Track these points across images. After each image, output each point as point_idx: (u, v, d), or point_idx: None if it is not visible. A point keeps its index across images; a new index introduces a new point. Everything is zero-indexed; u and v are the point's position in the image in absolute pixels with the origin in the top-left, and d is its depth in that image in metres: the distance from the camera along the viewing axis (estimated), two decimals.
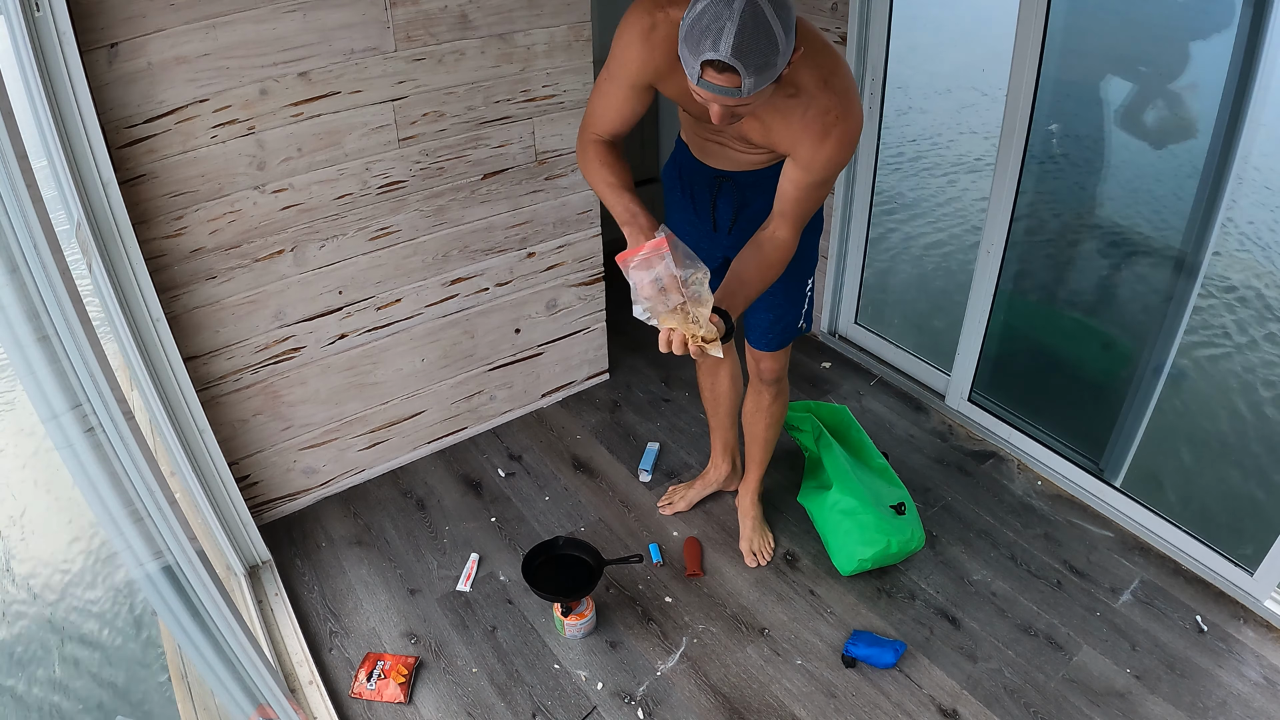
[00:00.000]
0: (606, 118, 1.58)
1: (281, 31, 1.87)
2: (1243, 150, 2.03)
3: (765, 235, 1.58)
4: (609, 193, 1.57)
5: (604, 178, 1.58)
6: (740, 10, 1.19)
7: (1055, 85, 2.25)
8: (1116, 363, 2.54)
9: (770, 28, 1.21)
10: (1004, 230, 2.41)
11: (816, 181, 1.51)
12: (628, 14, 1.46)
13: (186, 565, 1.38)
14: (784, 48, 1.24)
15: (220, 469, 2.09)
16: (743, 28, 1.20)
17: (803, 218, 1.57)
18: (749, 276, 1.57)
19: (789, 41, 1.25)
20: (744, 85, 1.24)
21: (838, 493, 2.17)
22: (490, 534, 2.38)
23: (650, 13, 1.43)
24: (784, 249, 1.58)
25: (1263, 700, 1.87)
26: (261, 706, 1.63)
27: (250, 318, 2.13)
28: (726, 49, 1.20)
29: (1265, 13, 1.88)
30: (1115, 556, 2.25)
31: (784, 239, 1.57)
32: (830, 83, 1.42)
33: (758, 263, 1.57)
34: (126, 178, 1.79)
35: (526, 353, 2.72)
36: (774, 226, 1.58)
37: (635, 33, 1.45)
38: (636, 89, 1.53)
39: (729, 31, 1.20)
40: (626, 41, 1.47)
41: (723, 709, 1.90)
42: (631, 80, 1.51)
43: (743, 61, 1.21)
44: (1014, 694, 1.91)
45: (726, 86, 1.25)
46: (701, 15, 1.22)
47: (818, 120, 1.44)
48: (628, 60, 1.48)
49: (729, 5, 1.20)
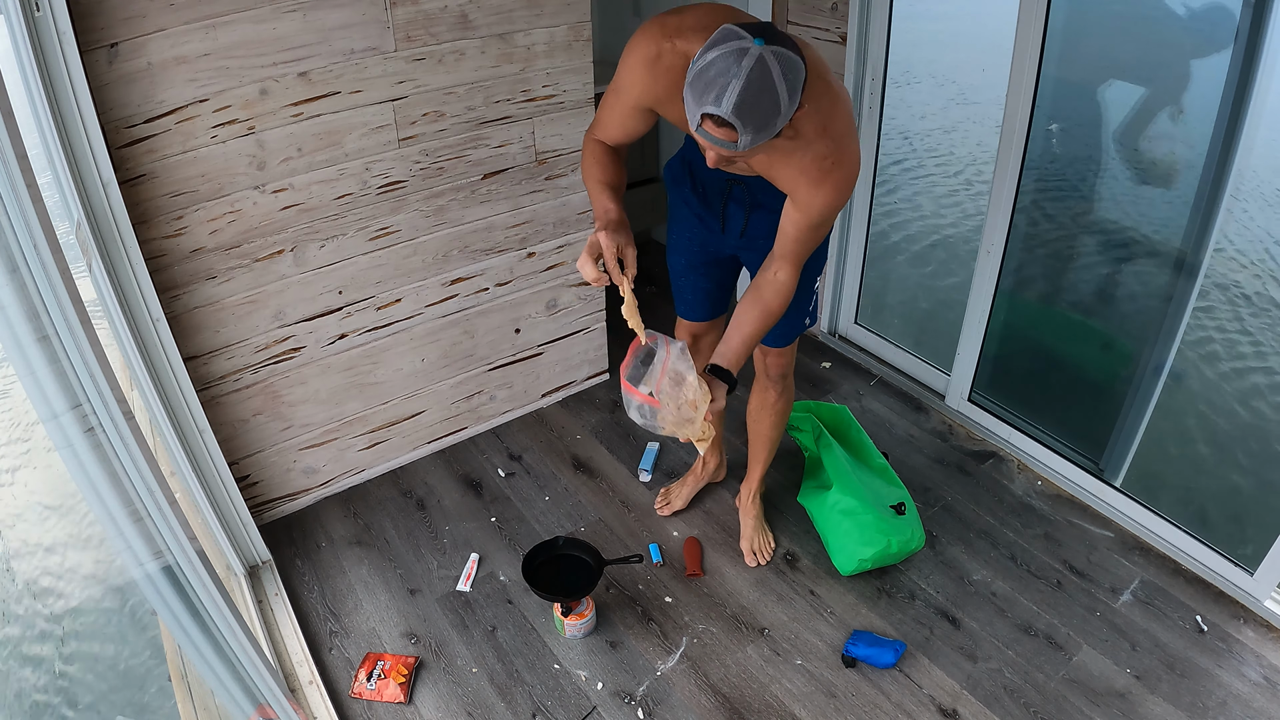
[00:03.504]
0: (610, 127, 1.60)
1: (281, 31, 1.87)
2: (1243, 150, 2.03)
3: (766, 279, 1.60)
4: (594, 188, 1.59)
5: (594, 174, 1.60)
6: (748, 69, 1.19)
7: (1055, 85, 2.25)
8: (1116, 363, 2.54)
9: (775, 89, 1.21)
10: (1004, 230, 2.42)
11: (815, 223, 1.53)
12: (636, 37, 1.46)
13: (186, 565, 1.38)
14: (786, 109, 1.24)
15: (220, 469, 2.09)
16: (748, 86, 1.19)
17: (802, 257, 1.59)
18: (751, 328, 1.61)
19: (792, 103, 1.24)
20: (740, 141, 1.24)
21: (838, 493, 2.17)
22: (490, 534, 2.38)
23: (657, 41, 1.43)
24: (785, 293, 1.60)
25: (1263, 700, 1.87)
26: (261, 706, 1.63)
27: (250, 318, 2.13)
28: (728, 106, 1.20)
29: (1265, 14, 1.88)
30: (1115, 556, 2.25)
31: (784, 280, 1.59)
32: (828, 128, 1.42)
33: (760, 310, 1.60)
34: (126, 178, 1.79)
35: (526, 353, 2.72)
36: (775, 268, 1.60)
37: (640, 59, 1.45)
38: (639, 110, 1.54)
39: (733, 89, 1.19)
40: (631, 65, 1.47)
41: (723, 709, 1.90)
42: (634, 102, 1.52)
43: (742, 120, 1.21)
44: (1014, 694, 1.91)
45: (724, 140, 1.25)
46: (710, 66, 1.21)
47: (814, 165, 1.45)
48: (632, 83, 1.49)
49: (738, 62, 1.19)
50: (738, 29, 1.22)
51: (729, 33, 1.22)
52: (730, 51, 1.19)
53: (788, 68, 1.21)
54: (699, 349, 2.16)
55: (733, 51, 1.19)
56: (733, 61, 1.19)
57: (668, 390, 1.50)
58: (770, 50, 1.19)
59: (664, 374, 1.50)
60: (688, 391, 1.50)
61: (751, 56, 1.19)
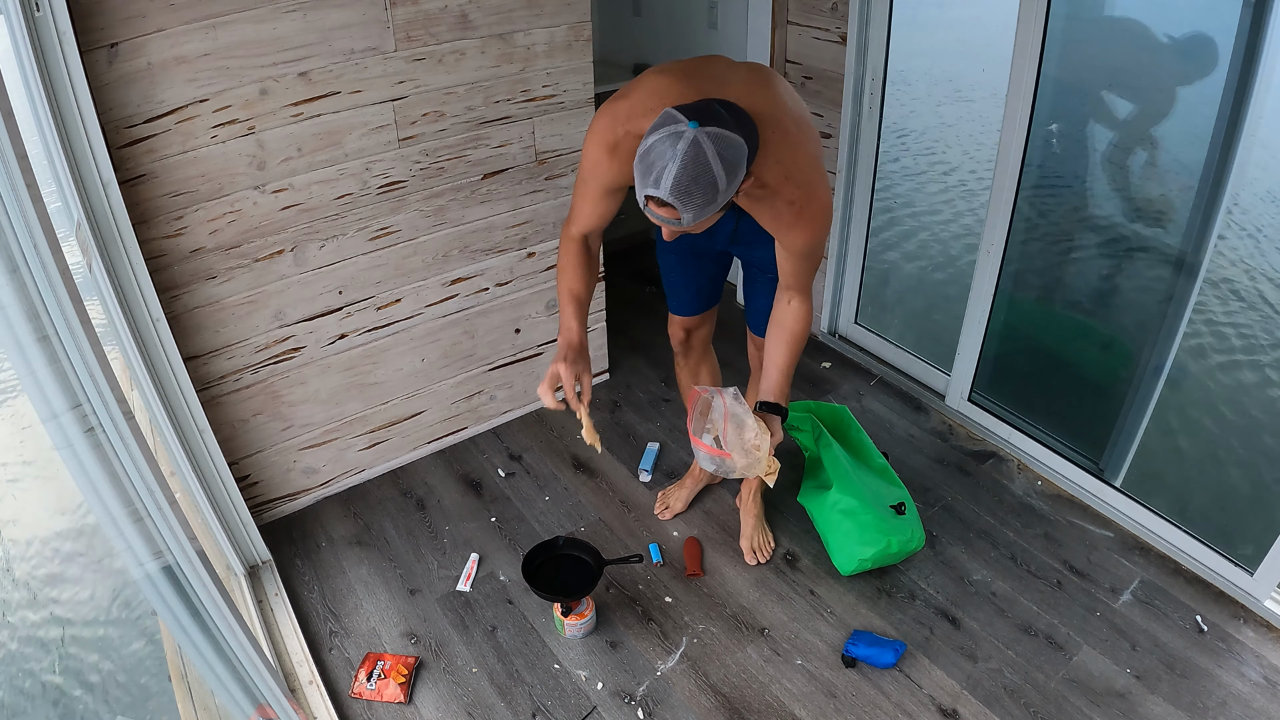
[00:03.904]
0: (586, 215, 1.66)
1: (281, 31, 1.87)
2: (1243, 149, 2.03)
3: (783, 309, 1.70)
4: (564, 300, 1.69)
5: (568, 282, 1.69)
6: (683, 152, 1.24)
7: (1055, 85, 2.25)
8: (1116, 363, 2.54)
9: (711, 170, 1.25)
10: (1004, 230, 2.42)
11: (804, 256, 1.61)
12: (592, 128, 1.54)
13: (186, 565, 1.38)
14: (726, 186, 1.28)
15: (220, 469, 2.09)
16: (683, 169, 1.24)
17: (809, 283, 1.67)
18: (783, 358, 1.70)
19: (732, 181, 1.29)
20: (683, 218, 1.29)
21: (838, 493, 2.17)
22: (490, 534, 2.38)
23: (612, 129, 1.50)
24: (804, 316, 1.69)
25: (1263, 700, 1.87)
26: (261, 706, 1.63)
27: (250, 318, 2.13)
28: (666, 188, 1.25)
29: (1264, 14, 1.88)
30: (1115, 556, 2.25)
31: (800, 307, 1.69)
32: (791, 175, 1.48)
33: (786, 340, 1.70)
34: (126, 178, 1.79)
35: (526, 352, 2.72)
36: (787, 298, 1.69)
37: (600, 148, 1.52)
38: (609, 192, 1.60)
39: (669, 172, 1.24)
40: (593, 156, 1.54)
41: (723, 709, 1.90)
42: (603, 187, 1.59)
43: (680, 200, 1.26)
44: (1014, 694, 1.91)
45: (668, 218, 1.31)
46: (649, 150, 1.27)
47: (786, 210, 1.51)
48: (597, 172, 1.56)
49: (674, 145, 1.25)
50: (675, 113, 1.28)
51: (667, 116, 1.28)
52: (667, 135, 1.26)
53: (723, 147, 1.26)
54: (691, 344, 2.17)
55: (669, 135, 1.25)
56: (669, 145, 1.25)
57: (733, 437, 1.59)
58: (705, 132, 1.25)
59: (726, 422, 1.59)
60: (748, 434, 1.59)
61: (686, 140, 1.24)
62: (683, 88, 1.43)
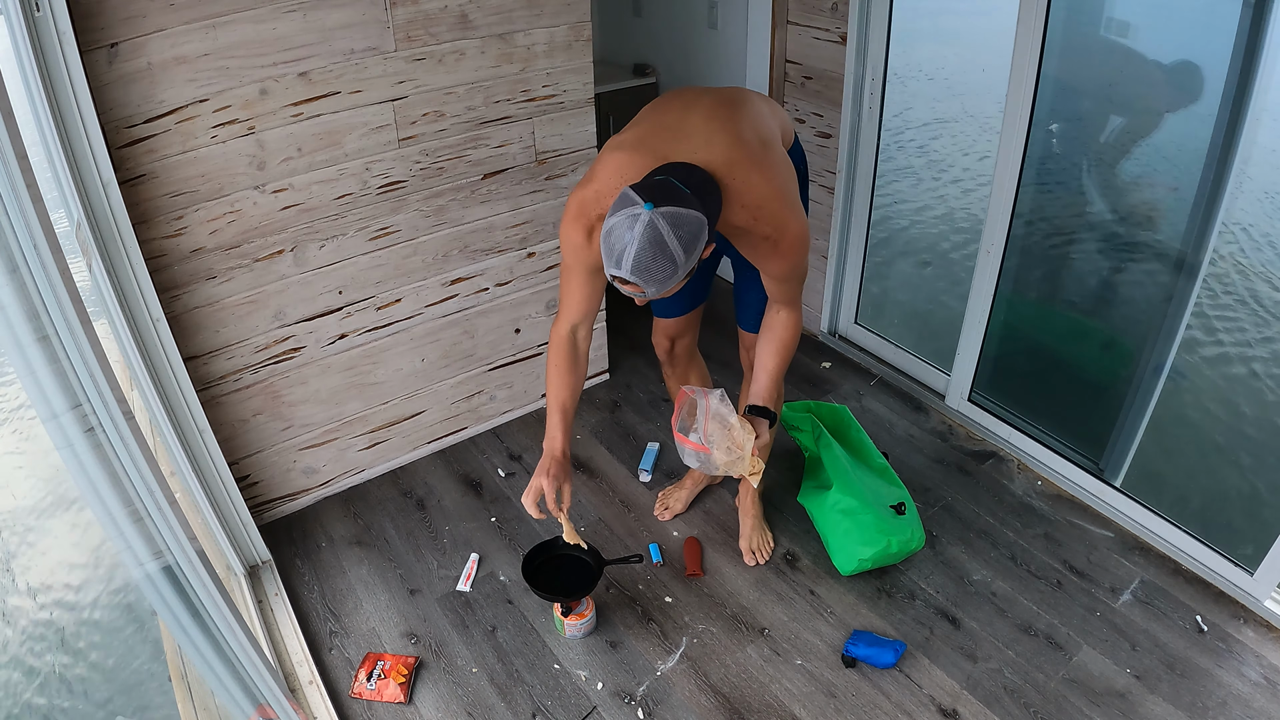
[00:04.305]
0: (576, 301, 1.71)
1: (281, 31, 1.87)
2: (1243, 149, 2.03)
3: (774, 318, 1.76)
4: (552, 406, 1.78)
5: (555, 387, 1.76)
6: (639, 235, 1.31)
7: (1055, 85, 2.25)
8: (1116, 363, 2.54)
9: (668, 248, 1.32)
10: (1004, 230, 2.42)
11: (787, 278, 1.66)
12: (566, 215, 1.60)
13: (186, 565, 1.38)
14: (685, 260, 1.35)
15: (220, 469, 2.09)
16: (641, 251, 1.31)
17: (796, 298, 1.73)
18: (773, 363, 1.76)
19: (691, 254, 1.35)
20: (647, 292, 1.37)
21: (838, 493, 2.17)
22: (490, 534, 2.38)
23: (585, 214, 1.57)
24: (794, 324, 1.75)
25: (1263, 700, 1.87)
26: (261, 706, 1.63)
27: (250, 318, 2.13)
28: (627, 269, 1.33)
29: (1265, 13, 1.88)
30: (1115, 556, 2.25)
31: (789, 316, 1.74)
32: (760, 216, 1.53)
33: (776, 346, 1.76)
34: (126, 178, 1.79)
35: (527, 352, 2.72)
36: (777, 309, 1.75)
37: (578, 239, 1.59)
38: (594, 272, 1.65)
39: (629, 254, 1.32)
40: (572, 239, 1.61)
41: (723, 709, 1.90)
42: (586, 268, 1.64)
43: (642, 279, 1.34)
44: (1014, 694, 1.91)
45: (633, 292, 1.39)
46: (610, 233, 1.35)
47: (762, 244, 1.58)
48: (580, 255, 1.62)
49: (631, 228, 1.31)
50: (632, 194, 1.34)
51: (624, 199, 1.35)
52: (625, 218, 1.32)
53: (678, 224, 1.32)
54: (675, 353, 2.17)
55: (627, 218, 1.32)
56: (626, 229, 1.32)
57: (715, 434, 1.64)
58: (660, 213, 1.31)
59: (708, 420, 1.65)
60: (733, 433, 1.65)
61: (642, 222, 1.31)
62: (641, 160, 1.49)
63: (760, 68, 2.93)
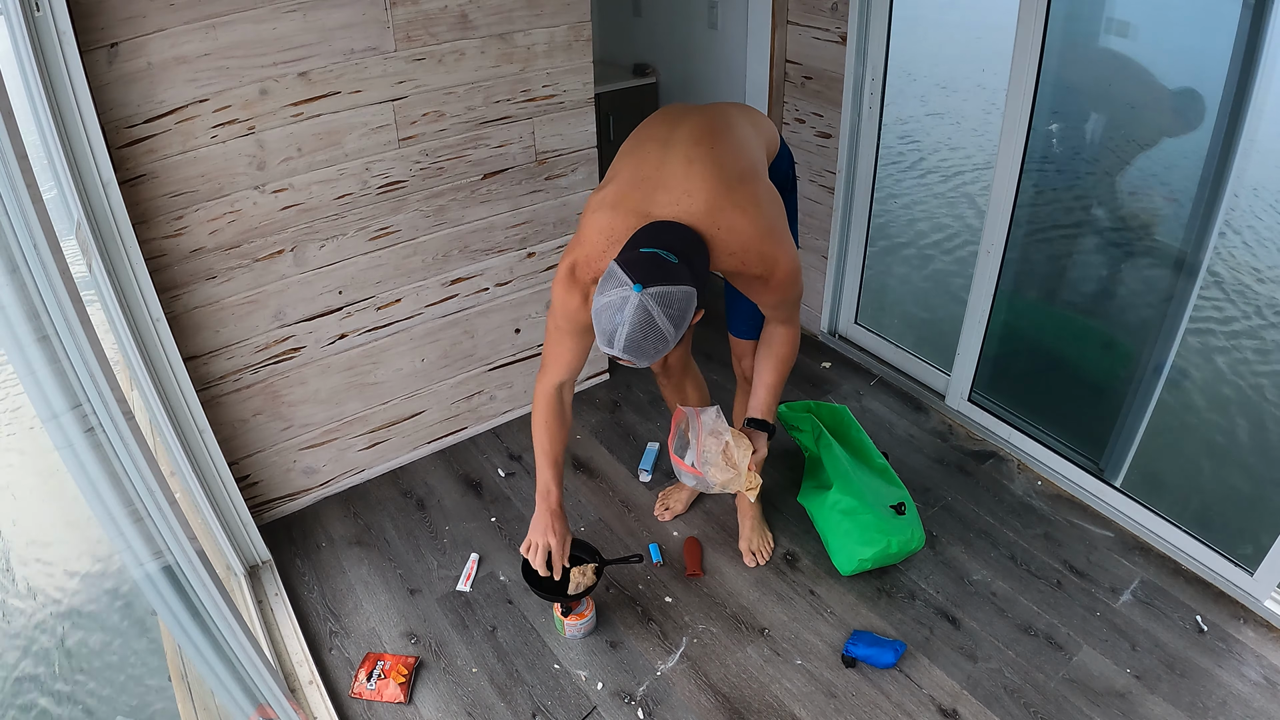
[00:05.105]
0: (564, 361, 1.74)
1: (281, 31, 1.87)
2: (1243, 149, 2.03)
3: (771, 333, 1.78)
4: (541, 462, 1.82)
5: (543, 443, 1.81)
6: (629, 317, 1.35)
7: (1055, 85, 2.25)
8: (1116, 363, 2.54)
9: (658, 328, 1.36)
10: (1004, 230, 2.42)
11: (782, 305, 1.69)
12: (558, 279, 1.63)
13: (186, 565, 1.38)
14: (675, 333, 1.39)
15: (220, 469, 2.09)
16: (633, 332, 1.36)
17: (795, 316, 1.75)
18: (771, 377, 1.79)
19: (680, 327, 1.39)
20: (639, 363, 1.41)
21: (838, 493, 2.17)
22: (490, 534, 2.38)
23: (577, 285, 1.60)
24: (790, 339, 1.77)
25: (1263, 700, 1.87)
26: (261, 706, 1.63)
27: (250, 318, 2.13)
28: (620, 348, 1.38)
29: (1265, 11, 1.88)
30: (1115, 556, 2.25)
31: (786, 332, 1.76)
32: (748, 260, 1.56)
33: (774, 361, 1.78)
34: (126, 178, 1.79)
35: (527, 352, 2.72)
36: (774, 325, 1.77)
37: (572, 304, 1.62)
38: (585, 329, 1.67)
39: (620, 335, 1.36)
40: (566, 311, 1.64)
41: (723, 709, 1.90)
42: (579, 327, 1.67)
43: (634, 356, 1.39)
44: (1014, 694, 1.91)
45: (627, 364, 1.43)
46: (600, 313, 1.38)
47: (755, 282, 1.61)
48: (575, 317, 1.64)
49: (621, 310, 1.35)
50: (620, 272, 1.37)
51: (613, 277, 1.38)
52: (615, 300, 1.36)
53: (667, 303, 1.36)
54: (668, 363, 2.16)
55: (617, 300, 1.36)
56: (616, 311, 1.36)
57: (710, 453, 1.67)
58: (648, 294, 1.34)
59: (701, 439, 1.66)
60: (729, 451, 1.67)
61: (631, 305, 1.34)
62: (624, 221, 1.51)
63: (760, 68, 2.93)
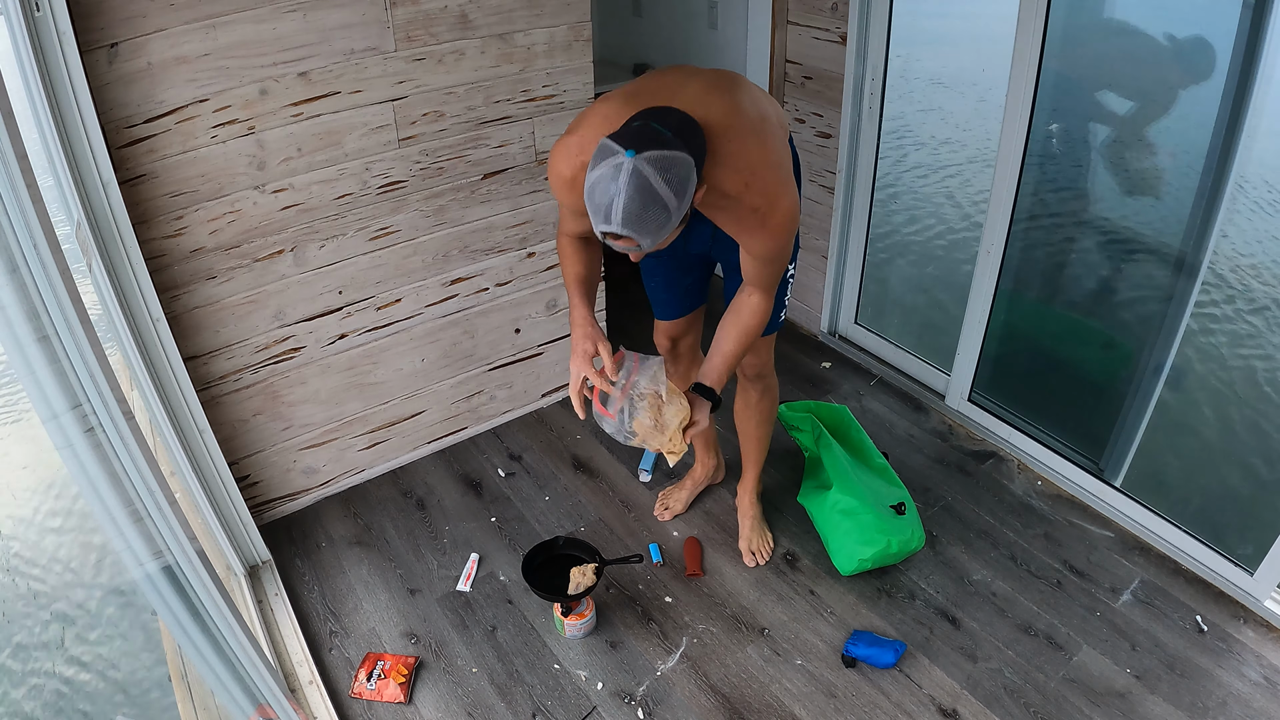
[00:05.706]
0: (571, 225, 1.69)
1: (281, 31, 1.87)
2: (1243, 149, 2.03)
3: (742, 301, 1.68)
4: (571, 286, 1.71)
5: (570, 267, 1.71)
6: (625, 184, 1.23)
7: (1055, 85, 2.25)
8: (1116, 363, 2.54)
9: (658, 194, 1.25)
10: (1004, 230, 2.42)
11: (768, 260, 1.59)
12: (550, 164, 1.55)
13: (186, 565, 1.38)
14: (678, 204, 1.28)
15: (220, 469, 2.09)
16: (630, 200, 1.24)
17: (773, 284, 1.66)
18: (730, 346, 1.69)
19: (683, 198, 1.29)
20: (642, 245, 1.30)
21: (838, 493, 2.17)
22: (490, 534, 2.38)
23: (567, 163, 1.51)
24: (761, 312, 1.67)
25: (1263, 700, 1.87)
26: (261, 706, 1.63)
27: (250, 318, 2.13)
28: (618, 222, 1.26)
29: (1265, 11, 1.88)
30: (1115, 556, 2.25)
31: (759, 302, 1.67)
32: (752, 184, 1.46)
33: (738, 330, 1.68)
34: (126, 178, 1.79)
35: (527, 352, 2.72)
36: (748, 292, 1.67)
37: (561, 184, 1.55)
38: (581, 213, 1.59)
39: (617, 206, 1.24)
40: (557, 189, 1.57)
41: (723, 709, 1.90)
42: (573, 210, 1.60)
43: (634, 230, 1.27)
44: (1014, 694, 1.91)
45: (626, 246, 1.32)
46: (593, 188, 1.27)
47: (749, 217, 1.50)
48: (566, 200, 1.58)
49: (615, 179, 1.24)
50: (611, 144, 1.27)
51: (604, 149, 1.27)
52: (608, 170, 1.25)
53: (665, 167, 1.25)
54: (678, 351, 2.17)
55: (610, 169, 1.25)
56: (610, 180, 1.24)
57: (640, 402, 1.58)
58: (644, 158, 1.24)
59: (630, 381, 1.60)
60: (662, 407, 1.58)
61: (626, 170, 1.23)
62: (630, 112, 1.41)
63: (760, 68, 2.93)
